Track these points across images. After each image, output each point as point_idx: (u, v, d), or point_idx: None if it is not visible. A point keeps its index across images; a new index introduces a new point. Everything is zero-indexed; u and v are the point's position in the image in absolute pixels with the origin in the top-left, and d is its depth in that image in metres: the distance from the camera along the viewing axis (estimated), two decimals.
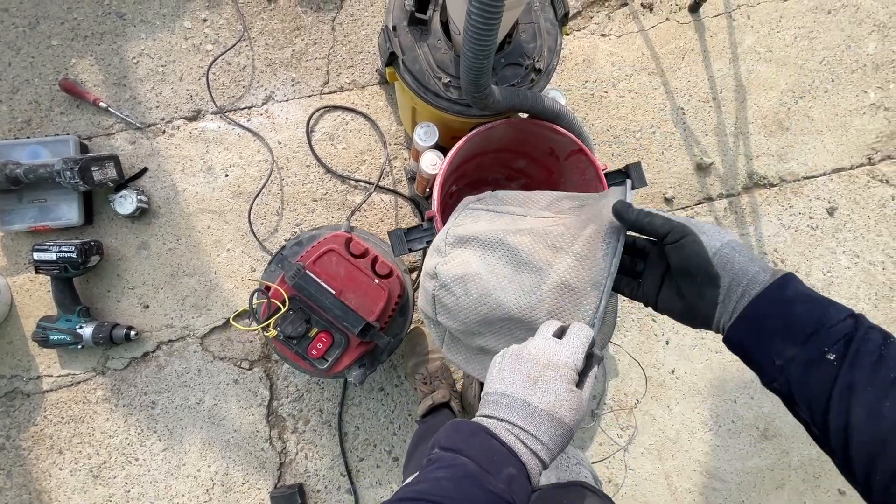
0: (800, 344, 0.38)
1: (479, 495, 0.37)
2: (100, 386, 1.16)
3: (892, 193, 1.32)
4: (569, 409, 0.41)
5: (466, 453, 0.40)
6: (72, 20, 1.18)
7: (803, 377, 0.38)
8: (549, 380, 0.42)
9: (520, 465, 0.40)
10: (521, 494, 0.39)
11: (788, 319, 0.39)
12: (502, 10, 0.52)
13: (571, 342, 0.44)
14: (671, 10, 1.31)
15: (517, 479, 0.39)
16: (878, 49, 1.32)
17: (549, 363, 0.43)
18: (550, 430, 0.41)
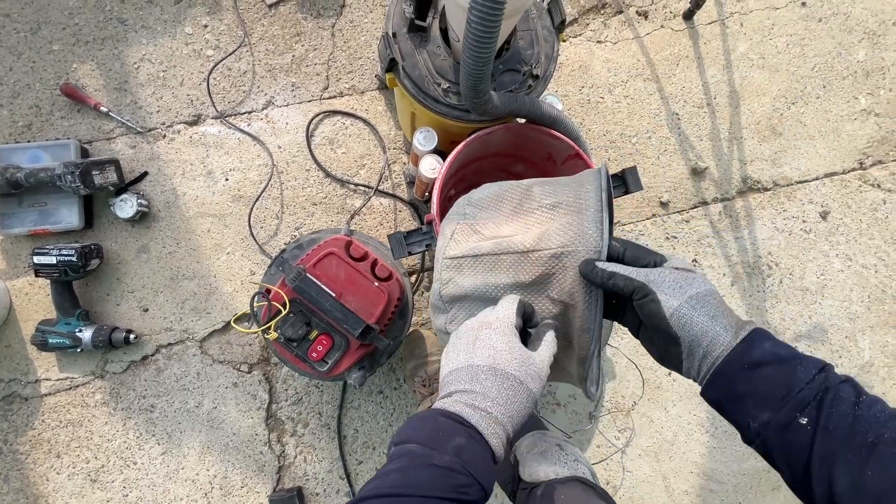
0: (771, 409, 0.38)
1: (425, 475, 0.37)
2: (98, 389, 1.16)
3: (883, 198, 1.34)
4: (510, 359, 0.41)
5: (413, 440, 0.39)
6: (73, 25, 1.19)
7: (779, 441, 0.38)
8: (484, 337, 0.43)
9: (470, 432, 0.39)
10: (476, 461, 0.38)
11: (756, 383, 0.38)
12: (501, 18, 0.54)
13: (500, 305, 0.47)
14: (665, 18, 1.33)
15: (467, 447, 0.38)
16: (868, 56, 1.35)
17: (482, 324, 0.44)
18: (496, 383, 0.40)
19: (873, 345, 1.31)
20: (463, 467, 0.37)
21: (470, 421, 0.39)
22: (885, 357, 1.31)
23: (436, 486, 0.36)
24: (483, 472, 0.38)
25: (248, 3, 1.23)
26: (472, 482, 0.37)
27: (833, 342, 1.31)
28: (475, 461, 0.38)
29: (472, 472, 0.37)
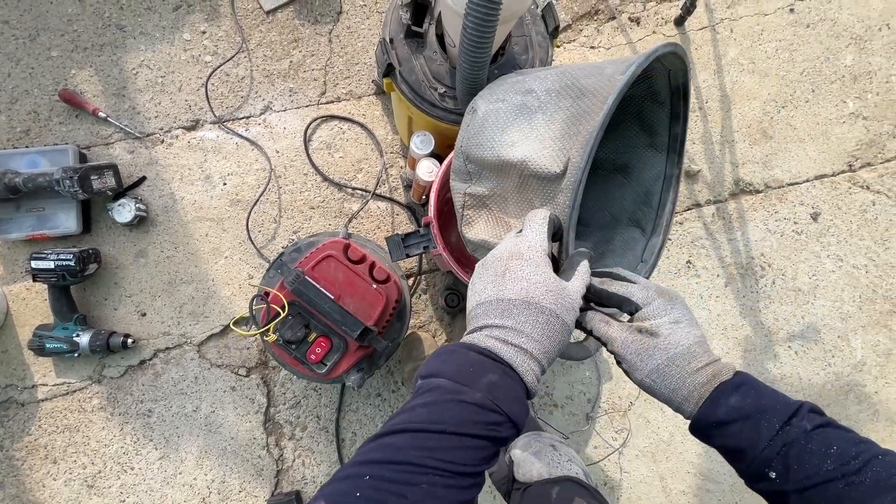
0: (743, 462, 0.40)
1: (455, 411, 0.35)
2: (96, 395, 1.16)
3: (872, 199, 1.36)
4: (545, 291, 0.39)
5: (442, 374, 0.38)
6: (72, 32, 1.20)
7: (758, 489, 0.41)
8: (515, 268, 0.40)
9: (503, 369, 0.38)
10: (508, 399, 0.37)
11: (727, 439, 0.40)
12: (497, 24, 0.55)
13: (529, 229, 0.44)
14: (657, 24, 1.36)
15: (500, 384, 0.37)
16: (855, 61, 1.38)
17: (511, 254, 0.42)
18: (531, 318, 0.38)
19: (865, 344, 1.33)
20: (495, 404, 0.36)
21: (503, 357, 0.38)
22: (877, 356, 1.33)
23: (465, 421, 0.35)
24: (515, 409, 0.37)
25: (246, 10, 1.24)
26: (503, 419, 0.37)
27: (826, 342, 1.33)
28: (508, 398, 0.37)
29: (505, 408, 0.36)
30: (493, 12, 0.54)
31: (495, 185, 0.57)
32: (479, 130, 0.57)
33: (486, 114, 0.57)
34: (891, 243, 1.35)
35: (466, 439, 0.35)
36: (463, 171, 0.59)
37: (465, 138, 0.59)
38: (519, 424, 0.38)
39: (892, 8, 1.39)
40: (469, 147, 0.58)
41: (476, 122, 0.58)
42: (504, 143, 0.56)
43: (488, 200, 0.59)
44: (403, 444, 0.34)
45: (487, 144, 0.56)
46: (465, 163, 0.58)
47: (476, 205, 0.60)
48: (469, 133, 0.58)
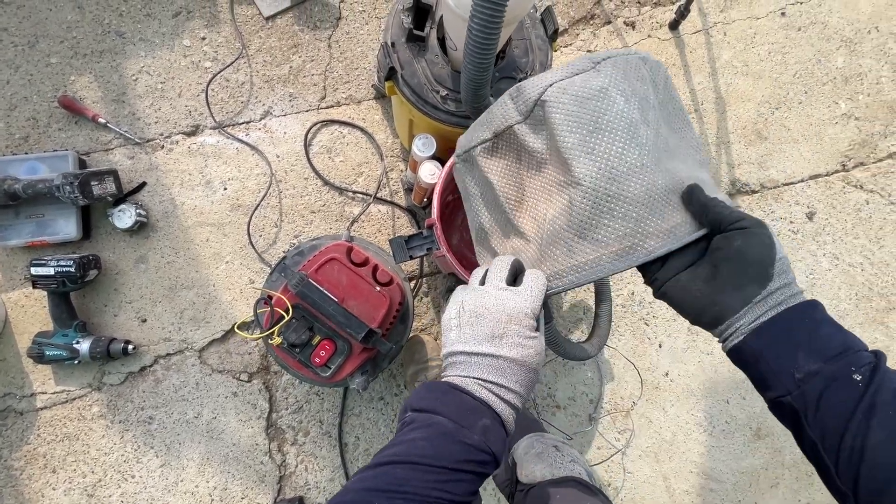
0: (826, 360, 0.37)
1: (455, 449, 0.40)
2: (95, 402, 1.15)
3: (866, 198, 1.38)
4: (534, 354, 0.44)
5: (440, 411, 0.42)
6: (71, 39, 1.20)
7: (825, 392, 0.36)
8: (513, 333, 0.43)
9: (493, 415, 0.43)
10: (497, 442, 0.42)
11: (815, 336, 0.38)
12: (501, 26, 0.56)
13: (530, 290, 0.45)
14: (652, 28, 1.38)
15: (492, 429, 0.42)
16: (846, 63, 1.41)
17: (510, 317, 0.43)
18: (521, 378, 0.44)
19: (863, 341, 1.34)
20: (488, 446, 0.41)
21: (496, 409, 0.43)
22: None
23: (462, 459, 0.40)
24: (500, 449, 0.43)
25: (246, 16, 1.25)
26: (491, 459, 0.42)
27: None
28: (497, 444, 0.42)
29: (495, 450, 0.42)
30: (498, 15, 0.55)
31: (543, 150, 0.47)
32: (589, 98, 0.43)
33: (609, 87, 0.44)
34: (885, 241, 1.37)
35: (463, 474, 0.40)
36: (524, 104, 0.47)
37: (561, 78, 0.45)
38: (500, 461, 0.43)
39: (880, 11, 1.42)
40: (561, 95, 0.44)
41: (593, 84, 0.43)
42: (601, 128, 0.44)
43: (524, 153, 0.49)
44: (407, 475, 0.39)
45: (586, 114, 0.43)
46: (538, 105, 0.45)
47: (509, 147, 0.51)
48: (574, 86, 0.44)
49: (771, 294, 0.39)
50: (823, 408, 0.36)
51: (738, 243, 0.39)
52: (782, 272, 0.40)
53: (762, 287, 0.39)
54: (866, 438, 0.34)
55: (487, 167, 0.54)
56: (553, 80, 0.45)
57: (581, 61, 0.46)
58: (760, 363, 0.40)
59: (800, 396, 0.37)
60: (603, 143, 0.43)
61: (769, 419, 1.30)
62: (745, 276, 0.39)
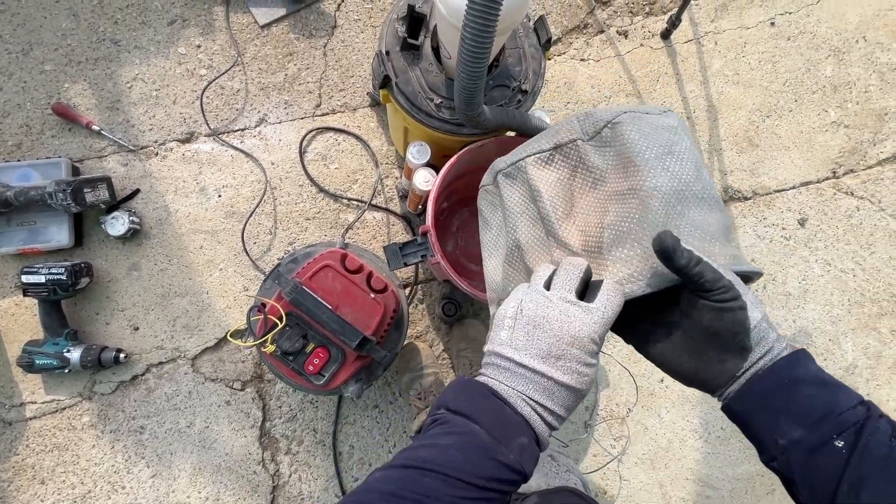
0: (805, 427, 0.36)
1: (489, 465, 0.37)
2: (86, 412, 1.13)
3: (856, 205, 1.40)
4: (589, 381, 0.40)
5: (477, 420, 0.39)
6: (65, 46, 1.20)
7: (808, 461, 0.36)
8: (573, 357, 0.39)
9: (532, 434, 0.40)
10: (530, 462, 0.39)
11: (795, 400, 0.37)
12: (494, 35, 0.56)
13: (603, 310, 0.40)
14: (644, 37, 1.39)
15: (528, 448, 0.39)
16: (834, 72, 1.43)
17: (573, 339, 0.39)
18: (568, 403, 0.40)
19: (856, 347, 1.35)
20: (521, 466, 0.39)
21: (536, 429, 0.40)
22: (868, 358, 1.35)
23: (495, 478, 0.38)
24: (531, 469, 0.40)
25: (241, 25, 1.26)
26: (522, 479, 0.39)
27: (817, 345, 1.34)
28: (530, 460, 0.39)
29: (526, 470, 0.39)
30: (491, 24, 0.56)
31: (606, 168, 0.48)
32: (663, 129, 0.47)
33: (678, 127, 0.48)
34: (876, 247, 1.38)
35: (492, 493, 0.38)
36: (593, 125, 0.49)
37: (634, 110, 0.48)
38: (529, 479, 0.40)
39: (867, 22, 1.45)
40: (636, 120, 0.47)
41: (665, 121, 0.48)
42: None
43: (581, 169, 0.50)
44: (436, 486, 0.36)
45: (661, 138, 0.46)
46: (608, 126, 0.48)
47: (566, 160, 0.52)
48: (648, 118, 0.48)
49: (753, 364, 0.39)
50: (809, 476, 0.36)
51: (710, 320, 0.38)
52: (760, 339, 0.38)
53: (742, 360, 0.38)
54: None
55: (538, 177, 0.53)
56: (626, 110, 0.49)
57: (649, 106, 0.50)
58: (747, 427, 0.40)
59: (786, 463, 0.37)
60: (677, 166, 0.44)
61: None
62: (723, 352, 0.39)
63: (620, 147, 0.47)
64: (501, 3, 0.55)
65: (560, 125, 0.53)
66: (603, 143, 0.49)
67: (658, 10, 1.41)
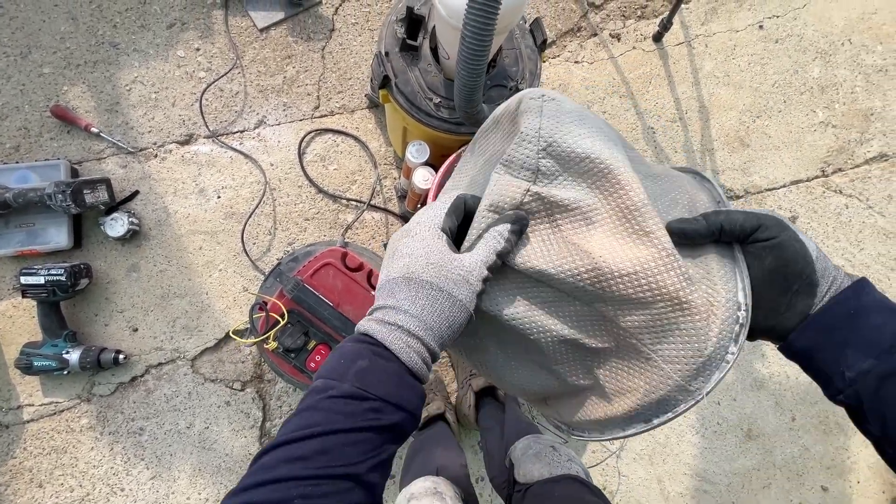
0: (876, 356, 0.34)
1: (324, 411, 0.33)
2: (84, 413, 1.13)
3: (845, 203, 1.43)
4: (425, 265, 0.36)
5: (319, 374, 0.36)
6: (64, 49, 1.20)
7: (878, 391, 0.34)
8: (403, 246, 0.37)
9: (376, 351, 0.35)
10: (379, 380, 0.34)
11: (863, 329, 0.35)
12: (493, 34, 0.58)
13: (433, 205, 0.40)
14: (637, 40, 1.42)
15: (371, 368, 0.34)
16: (821, 73, 1.46)
17: (404, 231, 0.38)
18: (410, 294, 0.35)
19: None
20: (364, 390, 0.33)
21: (377, 337, 0.35)
22: None
23: (335, 419, 0.32)
24: (392, 390, 0.34)
25: (240, 28, 1.27)
26: (380, 404, 0.33)
27: None
28: (380, 381, 0.34)
29: (377, 392, 0.33)
30: (491, 22, 0.57)
31: (582, 198, 0.38)
32: (582, 116, 0.39)
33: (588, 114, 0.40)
34: (864, 244, 1.41)
35: (341, 436, 0.32)
36: (529, 164, 0.38)
37: (549, 118, 0.38)
38: (403, 405, 0.34)
39: (852, 25, 1.49)
40: (557, 132, 0.38)
41: (576, 108, 0.40)
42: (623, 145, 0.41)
43: (560, 215, 0.39)
44: (273, 460, 0.31)
45: (597, 136, 0.38)
46: (541, 155, 0.38)
47: (540, 213, 0.40)
48: (560, 112, 0.39)
49: (822, 300, 0.36)
50: (880, 406, 0.34)
51: (770, 261, 0.36)
52: (824, 272, 0.36)
53: (812, 297, 0.36)
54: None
55: (523, 257, 0.40)
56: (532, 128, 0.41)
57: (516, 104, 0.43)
58: (812, 362, 0.37)
59: (853, 395, 0.35)
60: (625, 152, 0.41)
61: (760, 420, 1.32)
62: (791, 293, 0.36)
63: (568, 163, 0.39)
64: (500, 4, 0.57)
65: (494, 186, 0.40)
66: (551, 173, 0.39)
67: (650, 13, 1.44)
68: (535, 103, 0.39)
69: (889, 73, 1.48)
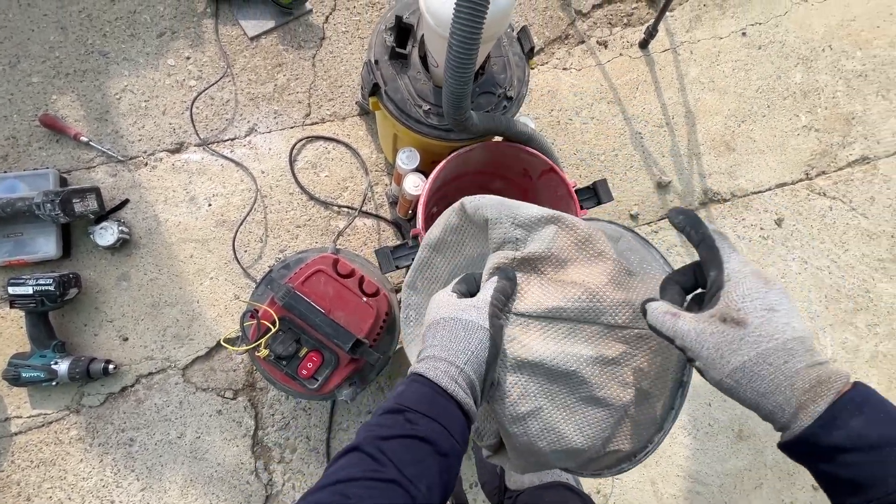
0: (859, 497, 0.32)
1: (369, 424, 0.39)
2: (73, 425, 1.12)
3: (829, 205, 1.46)
4: (445, 306, 0.44)
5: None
6: (53, 58, 1.20)
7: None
8: (428, 312, 0.46)
9: (413, 378, 0.41)
10: (412, 398, 0.39)
11: (841, 469, 0.32)
12: (479, 43, 0.59)
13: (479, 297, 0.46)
14: (623, 47, 1.45)
15: (406, 392, 0.40)
16: (803, 79, 1.50)
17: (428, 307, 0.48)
18: (437, 332, 0.43)
19: (834, 342, 1.40)
20: (399, 404, 0.38)
21: (412, 370, 0.42)
22: (846, 352, 1.40)
23: (380, 430, 0.37)
24: (426, 406, 0.38)
25: (231, 37, 1.28)
26: (414, 415, 0.37)
27: None
28: (412, 398, 0.39)
29: (409, 404, 0.38)
30: (477, 32, 0.58)
31: (549, 246, 0.48)
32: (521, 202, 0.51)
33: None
34: (849, 245, 1.44)
35: (381, 442, 0.36)
36: (508, 238, 0.49)
37: (506, 206, 0.50)
38: (436, 418, 0.38)
39: (832, 31, 1.52)
40: (512, 210, 0.49)
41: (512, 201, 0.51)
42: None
43: (541, 265, 0.49)
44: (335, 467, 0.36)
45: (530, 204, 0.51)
46: (512, 227, 0.49)
47: (527, 269, 0.49)
48: (510, 202, 0.50)
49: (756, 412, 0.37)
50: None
51: None
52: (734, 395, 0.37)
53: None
54: None
55: (535, 303, 0.47)
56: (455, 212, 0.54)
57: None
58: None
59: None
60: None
61: (751, 420, 1.33)
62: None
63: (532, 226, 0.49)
64: (486, 13, 0.58)
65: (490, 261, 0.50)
66: (524, 238, 0.49)
67: (636, 21, 1.47)
68: (476, 201, 0.51)
69: (868, 77, 1.52)
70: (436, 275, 0.58)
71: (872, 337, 1.41)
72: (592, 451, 0.49)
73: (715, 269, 0.39)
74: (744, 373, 0.35)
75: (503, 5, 0.69)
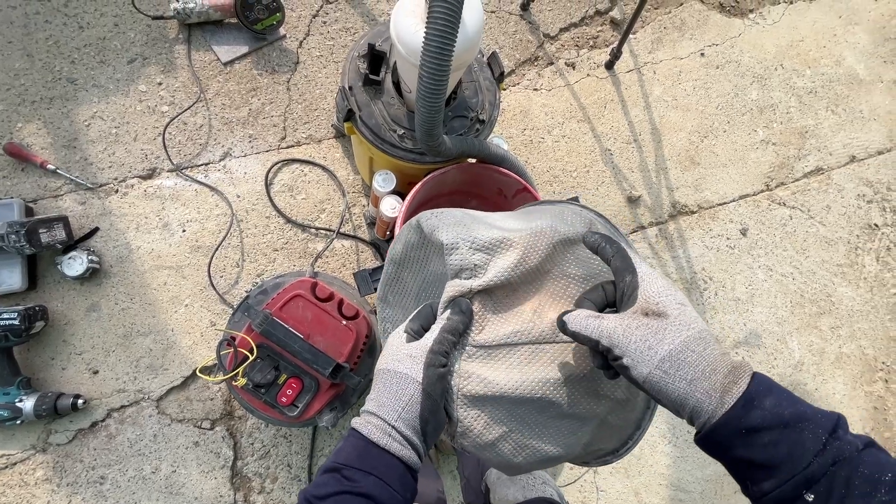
0: (774, 478, 0.33)
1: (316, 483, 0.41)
2: (40, 465, 1.07)
3: (789, 214, 1.53)
4: (388, 357, 0.45)
5: None
6: (18, 86, 1.18)
7: None
8: (388, 353, 0.46)
9: (352, 433, 0.42)
10: (349, 453, 0.41)
11: (756, 451, 0.34)
12: (449, 73, 0.61)
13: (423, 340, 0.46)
14: (590, 68, 1.51)
15: (343, 448, 0.42)
16: (759, 95, 1.58)
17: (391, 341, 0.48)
18: (377, 384, 0.44)
19: (801, 345, 1.46)
20: (337, 462, 0.40)
21: (352, 424, 0.43)
22: (813, 355, 1.46)
23: (321, 490, 0.39)
24: (358, 460, 0.40)
25: (203, 62, 1.28)
26: (350, 471, 0.39)
27: (767, 346, 1.44)
28: (349, 453, 0.41)
29: (347, 462, 0.40)
30: (445, 64, 0.61)
31: (501, 272, 0.45)
32: (479, 217, 0.51)
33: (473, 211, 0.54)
34: (809, 252, 1.51)
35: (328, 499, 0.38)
36: (466, 264, 0.45)
37: (462, 227, 0.47)
38: (370, 471, 0.39)
39: (783, 51, 1.62)
40: (474, 231, 0.47)
41: (469, 214, 0.51)
42: (520, 218, 0.51)
43: (497, 292, 0.47)
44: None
45: (499, 222, 0.49)
46: (470, 252, 0.45)
47: (484, 299, 0.47)
48: (467, 221, 0.48)
49: (679, 411, 0.38)
50: None
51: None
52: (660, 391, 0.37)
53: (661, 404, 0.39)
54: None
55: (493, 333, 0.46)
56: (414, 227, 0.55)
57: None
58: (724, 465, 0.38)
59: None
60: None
61: None
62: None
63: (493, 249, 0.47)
64: (454, 43, 0.60)
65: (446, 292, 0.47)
66: (485, 263, 0.46)
67: (601, 43, 1.53)
68: (433, 220, 0.50)
69: (818, 94, 1.61)
70: (405, 289, 0.58)
71: (836, 339, 1.48)
72: (572, 456, 0.50)
73: (630, 273, 0.41)
74: (672, 361, 0.36)
75: (472, 35, 0.72)
